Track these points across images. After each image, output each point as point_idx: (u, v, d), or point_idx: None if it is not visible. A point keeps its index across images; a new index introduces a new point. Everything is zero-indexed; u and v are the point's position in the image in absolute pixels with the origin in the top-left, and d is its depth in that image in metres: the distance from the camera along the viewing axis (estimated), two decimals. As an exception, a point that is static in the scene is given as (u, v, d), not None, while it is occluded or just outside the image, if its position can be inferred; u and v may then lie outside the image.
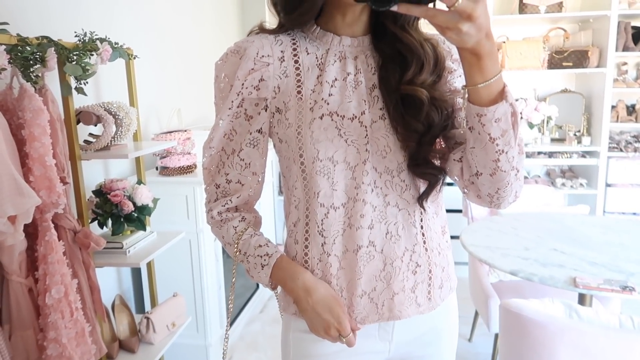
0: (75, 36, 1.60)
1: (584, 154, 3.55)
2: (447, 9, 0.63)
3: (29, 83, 1.36)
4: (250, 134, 0.88)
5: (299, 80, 0.85)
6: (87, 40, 1.59)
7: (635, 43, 3.39)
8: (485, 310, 2.16)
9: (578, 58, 3.41)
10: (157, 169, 2.26)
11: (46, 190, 1.26)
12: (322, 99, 0.84)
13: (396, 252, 0.87)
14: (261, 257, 0.88)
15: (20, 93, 1.32)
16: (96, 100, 1.97)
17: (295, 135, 0.85)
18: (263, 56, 0.85)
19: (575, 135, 3.56)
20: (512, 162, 0.77)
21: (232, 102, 0.86)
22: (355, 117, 0.84)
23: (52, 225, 1.37)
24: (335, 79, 0.85)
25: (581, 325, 1.21)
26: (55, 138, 1.32)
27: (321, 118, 0.83)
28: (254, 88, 0.85)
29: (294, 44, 0.87)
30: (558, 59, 3.46)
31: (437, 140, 0.87)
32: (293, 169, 0.88)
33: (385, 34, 0.86)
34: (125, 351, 1.89)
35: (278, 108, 0.86)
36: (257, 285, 3.17)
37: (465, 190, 0.86)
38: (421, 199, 0.88)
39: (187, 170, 2.21)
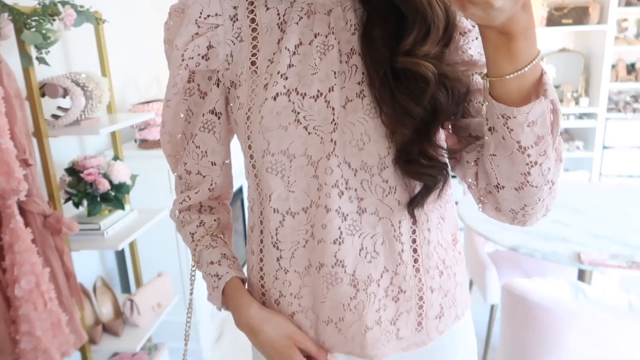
0: (34, -1, 1.44)
1: (581, 116, 3.45)
2: None
3: (-20, 54, 1.21)
4: (203, 115, 0.71)
5: (254, 47, 0.66)
6: (47, 4, 1.43)
7: (638, -2, 3.24)
8: (482, 281, 2.10)
9: (578, 14, 3.26)
10: (135, 141, 2.13)
11: (4, 176, 1.13)
12: (279, 72, 0.64)
13: (372, 275, 0.67)
14: (212, 276, 0.74)
15: (-30, 66, 1.17)
16: (67, 70, 1.81)
17: (244, 120, 0.67)
18: (209, 15, 0.66)
19: (572, 96, 3.45)
20: (546, 175, 0.58)
21: (174, 78, 0.69)
22: (321, 94, 0.64)
23: (16, 212, 1.25)
24: (300, 43, 0.65)
25: (590, 309, 1.14)
26: (12, 116, 1.18)
27: (275, 99, 0.64)
28: (202, 58, 0.67)
29: None
30: (557, 16, 3.30)
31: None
32: (245, 162, 0.72)
33: None
34: (110, 334, 1.81)
35: (232, 82, 0.68)
36: (248, 257, 3.10)
37: (482, 198, 0.66)
38: (412, 206, 0.66)
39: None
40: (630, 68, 3.45)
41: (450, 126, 0.69)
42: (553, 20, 3.32)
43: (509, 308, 1.28)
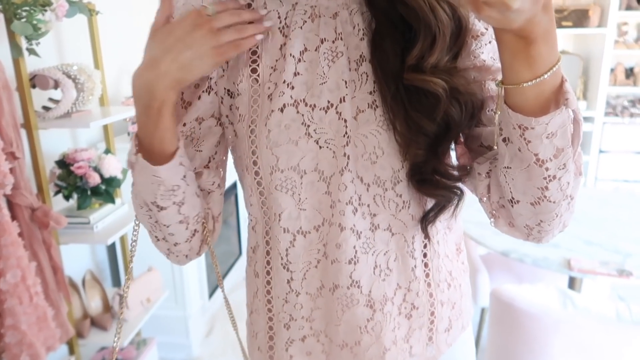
0: (26, -11, 1.42)
1: (583, 123, 3.44)
2: None
3: (-31, 44, 1.20)
4: (184, 125, 0.65)
5: (254, 52, 0.62)
6: (39, -6, 1.41)
7: (639, 1, 3.22)
8: (473, 284, 2.09)
9: (578, 17, 3.24)
10: (128, 134, 2.11)
11: (-11, 169, 1.12)
12: (284, 81, 0.60)
13: (387, 294, 0.65)
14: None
15: (-43, 56, 1.15)
16: (59, 61, 1.79)
17: (247, 133, 0.62)
18: None
19: (570, 99, 3.44)
20: (565, 190, 0.54)
21: None
22: (331, 105, 0.59)
23: (3, 205, 1.24)
24: (305, 49, 0.60)
25: (577, 318, 1.13)
26: (-1, 108, 1.17)
27: (282, 110, 0.59)
28: None
29: None
30: (557, 18, 3.28)
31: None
32: (247, 179, 0.66)
33: None
34: (98, 328, 1.80)
35: (228, 90, 0.64)
36: (240, 252, 3.10)
37: (494, 212, 0.62)
38: (424, 222, 0.64)
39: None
40: (629, 72, 3.44)
41: (461, 136, 0.65)
42: (553, 22, 3.31)
43: (497, 313, 1.27)
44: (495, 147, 0.56)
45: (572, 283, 1.66)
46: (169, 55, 0.56)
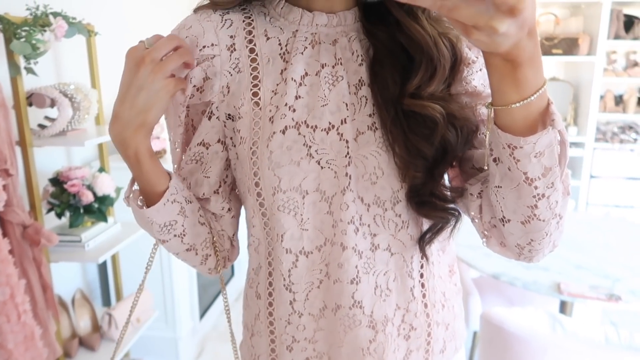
0: (27, 9, 1.45)
1: (569, 145, 3.48)
2: None
3: (-33, 62, 1.21)
4: (190, 149, 0.68)
5: (255, 77, 0.63)
6: (38, 15, 1.44)
7: (627, 31, 3.31)
8: (465, 307, 2.09)
9: (568, 45, 3.31)
10: (123, 153, 2.12)
11: (-18, 186, 1.12)
12: (286, 104, 0.61)
13: (387, 314, 0.65)
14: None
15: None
16: (57, 80, 1.81)
17: (249, 155, 0.62)
18: (205, 46, 0.62)
19: (561, 124, 3.49)
20: (554, 209, 0.55)
21: (180, 117, 0.66)
22: (332, 127, 0.61)
23: (-6, 222, 1.24)
24: (306, 74, 0.62)
25: (565, 342, 1.14)
26: (-6, 126, 1.18)
27: (283, 132, 0.60)
28: (197, 90, 0.64)
29: (248, 25, 0.64)
30: (548, 46, 3.36)
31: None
32: (249, 201, 0.66)
33: (383, 16, 0.62)
34: (86, 348, 1.78)
35: (229, 115, 0.65)
36: (232, 273, 3.08)
37: (485, 232, 0.63)
38: (423, 242, 0.65)
39: (156, 155, 2.08)
40: (618, 99, 3.51)
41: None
42: (543, 50, 3.37)
43: (487, 337, 1.28)
44: (486, 168, 0.58)
45: (563, 307, 1.66)
46: (126, 104, 0.60)
